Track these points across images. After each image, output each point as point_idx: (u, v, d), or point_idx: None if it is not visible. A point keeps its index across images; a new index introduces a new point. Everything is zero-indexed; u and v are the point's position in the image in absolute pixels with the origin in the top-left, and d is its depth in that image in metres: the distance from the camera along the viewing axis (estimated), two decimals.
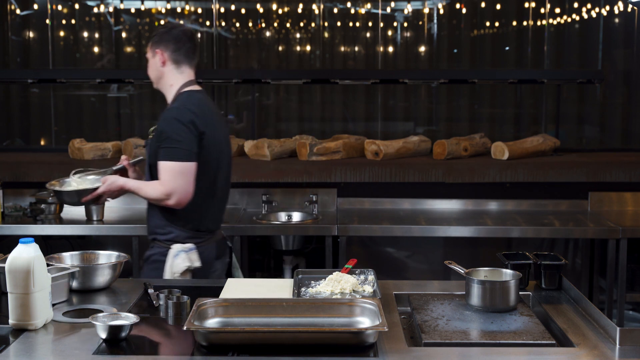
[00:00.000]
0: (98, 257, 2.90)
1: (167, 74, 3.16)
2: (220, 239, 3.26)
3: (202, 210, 3.11)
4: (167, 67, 3.15)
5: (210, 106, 3.19)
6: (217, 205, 3.19)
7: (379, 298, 2.48)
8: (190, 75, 3.19)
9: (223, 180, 3.18)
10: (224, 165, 3.17)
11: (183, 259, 3.04)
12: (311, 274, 2.78)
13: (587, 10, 6.22)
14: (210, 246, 3.16)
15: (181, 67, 3.16)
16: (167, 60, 3.14)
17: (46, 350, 2.16)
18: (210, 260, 3.14)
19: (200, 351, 2.12)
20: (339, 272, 2.69)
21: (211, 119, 3.09)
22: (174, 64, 3.15)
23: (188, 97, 3.10)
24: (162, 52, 3.14)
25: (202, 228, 3.13)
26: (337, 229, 4.32)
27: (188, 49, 3.17)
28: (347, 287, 2.59)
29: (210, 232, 3.18)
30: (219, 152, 3.12)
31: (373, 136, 5.83)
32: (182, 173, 2.98)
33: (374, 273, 2.74)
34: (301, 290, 2.61)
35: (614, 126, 6.29)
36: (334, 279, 2.64)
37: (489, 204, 4.91)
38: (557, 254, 2.86)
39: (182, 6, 6.34)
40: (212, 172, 3.10)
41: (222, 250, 3.26)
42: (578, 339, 2.27)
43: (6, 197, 4.57)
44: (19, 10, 6.34)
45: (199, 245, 3.10)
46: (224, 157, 3.18)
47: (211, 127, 3.06)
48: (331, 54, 6.32)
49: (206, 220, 3.14)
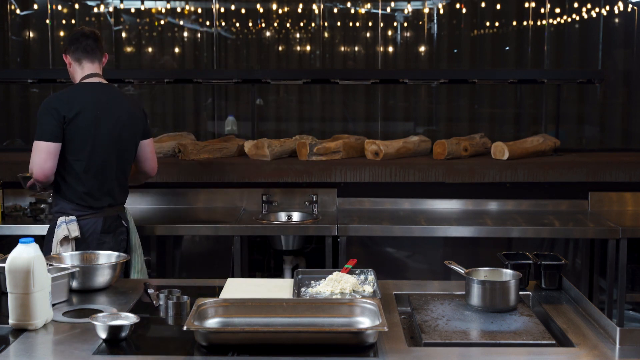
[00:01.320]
0: (98, 257, 2.90)
1: (74, 73, 3.64)
2: (113, 216, 3.61)
3: (79, 186, 3.51)
4: (73, 67, 3.63)
5: (99, 94, 3.55)
6: (96, 183, 3.54)
7: (379, 298, 2.49)
8: (92, 69, 3.61)
9: (100, 161, 3.53)
10: (99, 148, 3.51)
11: (63, 228, 3.45)
12: (311, 274, 2.78)
13: (587, 10, 6.22)
14: (96, 220, 3.54)
15: (82, 63, 3.60)
16: (71, 62, 3.62)
17: (46, 350, 2.17)
18: (94, 233, 3.52)
19: (200, 351, 2.12)
20: (339, 272, 2.69)
21: (85, 105, 3.46)
22: (76, 62, 3.61)
23: (69, 88, 3.56)
24: (66, 55, 3.63)
25: (83, 202, 3.52)
26: (337, 229, 4.32)
27: (86, 45, 3.58)
28: (347, 287, 2.59)
29: (95, 207, 3.54)
30: (89, 135, 3.48)
31: (373, 136, 5.83)
32: (38, 150, 3.41)
33: (374, 273, 2.74)
34: (301, 290, 2.61)
35: (614, 126, 6.29)
36: (334, 279, 2.64)
37: (489, 204, 4.91)
38: (557, 254, 2.87)
39: (182, 6, 6.34)
40: (84, 152, 3.49)
41: (112, 226, 3.61)
42: (578, 339, 2.27)
43: (6, 197, 4.57)
44: (19, 10, 6.34)
45: (81, 218, 3.51)
46: (100, 141, 3.51)
47: (82, 112, 3.45)
48: (331, 54, 6.32)
49: (86, 195, 3.52)
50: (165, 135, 5.37)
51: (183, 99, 6.32)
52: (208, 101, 6.25)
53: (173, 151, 5.16)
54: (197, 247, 5.00)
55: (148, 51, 6.38)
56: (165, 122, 6.35)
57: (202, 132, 6.19)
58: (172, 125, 6.26)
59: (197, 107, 6.31)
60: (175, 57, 6.41)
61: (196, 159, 4.94)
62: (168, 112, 6.38)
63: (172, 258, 5.15)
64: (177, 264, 5.18)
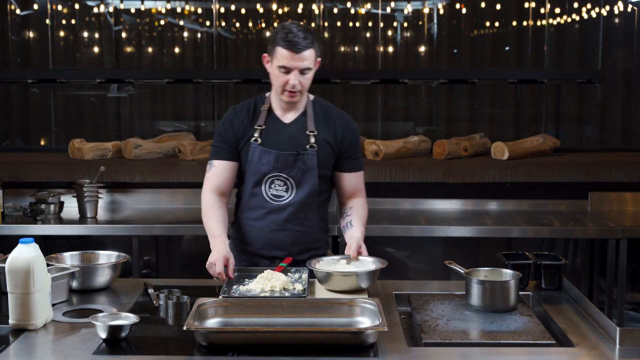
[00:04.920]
0: (98, 257, 2.90)
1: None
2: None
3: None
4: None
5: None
6: None
7: (305, 296, 2.49)
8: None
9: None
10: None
11: None
12: (245, 272, 2.77)
13: (587, 10, 6.22)
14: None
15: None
16: None
17: (46, 350, 2.17)
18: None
19: (200, 351, 2.12)
20: (270, 270, 2.69)
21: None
22: None
23: None
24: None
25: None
26: (337, 229, 4.32)
27: None
28: (277, 285, 2.59)
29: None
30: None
31: (373, 136, 5.83)
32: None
33: (308, 272, 2.72)
34: (232, 288, 2.61)
35: (614, 126, 6.29)
36: (264, 277, 2.63)
37: (489, 204, 4.91)
38: (557, 254, 2.87)
39: (182, 6, 6.34)
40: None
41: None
42: (578, 339, 2.27)
43: (6, 197, 4.57)
44: (19, 10, 6.34)
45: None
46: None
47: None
48: (331, 54, 6.32)
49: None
50: (165, 135, 5.38)
51: (183, 99, 6.33)
52: (208, 101, 6.25)
53: (173, 151, 5.17)
54: (197, 247, 4.99)
55: (148, 51, 6.38)
56: (165, 122, 6.36)
57: (202, 132, 6.19)
58: (172, 125, 6.27)
59: (197, 107, 6.31)
60: (175, 57, 6.41)
61: (196, 159, 4.94)
62: (168, 112, 6.38)
63: (172, 258, 5.15)
64: (177, 264, 5.18)
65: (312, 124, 2.93)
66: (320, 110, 2.98)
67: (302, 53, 2.79)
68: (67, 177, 4.79)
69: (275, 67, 2.83)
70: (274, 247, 2.96)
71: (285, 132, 2.92)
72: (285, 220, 2.92)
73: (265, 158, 2.89)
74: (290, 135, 2.91)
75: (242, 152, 2.94)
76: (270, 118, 2.95)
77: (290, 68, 2.80)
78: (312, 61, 2.84)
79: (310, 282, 2.67)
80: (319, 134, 2.92)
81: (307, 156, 2.89)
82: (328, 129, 2.94)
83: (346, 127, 2.96)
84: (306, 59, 2.81)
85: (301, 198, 2.91)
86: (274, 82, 2.89)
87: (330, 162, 2.95)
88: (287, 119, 2.95)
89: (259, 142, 2.90)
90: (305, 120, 2.94)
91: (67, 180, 4.77)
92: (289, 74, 2.81)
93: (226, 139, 2.95)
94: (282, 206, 2.92)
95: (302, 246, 2.97)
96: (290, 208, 2.92)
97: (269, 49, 2.86)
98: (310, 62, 2.83)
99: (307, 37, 2.81)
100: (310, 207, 2.95)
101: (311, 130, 2.91)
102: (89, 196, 4.44)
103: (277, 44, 2.80)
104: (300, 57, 2.79)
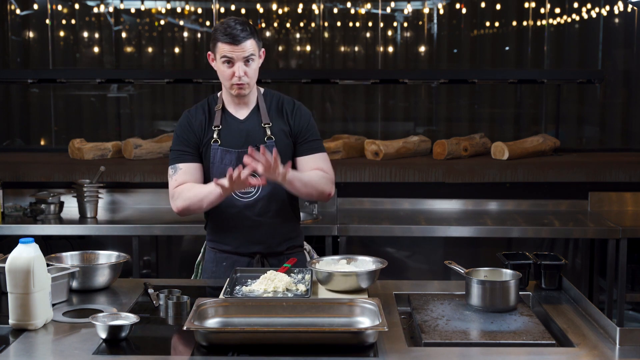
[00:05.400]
0: (98, 257, 2.89)
1: None
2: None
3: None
4: None
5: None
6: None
7: (309, 297, 2.48)
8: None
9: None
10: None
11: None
12: (249, 272, 2.77)
13: (587, 10, 6.22)
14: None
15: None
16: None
17: (46, 350, 2.16)
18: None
19: (200, 351, 2.12)
20: (273, 271, 2.69)
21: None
22: None
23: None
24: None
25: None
26: (337, 229, 4.32)
27: None
28: (280, 286, 2.59)
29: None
30: None
31: (373, 136, 5.83)
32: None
33: (312, 273, 2.73)
34: (235, 289, 2.61)
35: (614, 126, 6.30)
36: (267, 278, 2.63)
37: (489, 204, 4.91)
38: (557, 254, 2.86)
39: (182, 6, 6.34)
40: None
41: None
42: (578, 339, 2.27)
43: (6, 197, 4.57)
44: (19, 10, 6.34)
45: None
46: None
47: None
48: (331, 54, 6.32)
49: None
50: (165, 135, 5.37)
51: (183, 99, 6.32)
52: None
53: None
54: (196, 247, 4.99)
55: (148, 51, 6.39)
56: (165, 122, 6.36)
57: None
58: (172, 125, 6.27)
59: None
60: (175, 57, 6.41)
61: None
62: (168, 112, 6.39)
63: (172, 258, 5.15)
64: (177, 264, 5.18)
65: (266, 115, 2.97)
66: (272, 101, 3.02)
67: (241, 44, 2.83)
68: (67, 177, 4.79)
69: (220, 62, 2.88)
70: (252, 243, 2.97)
71: (242, 129, 2.95)
72: (257, 214, 2.94)
73: (227, 158, 2.92)
74: (247, 132, 2.95)
75: (203, 154, 2.96)
76: (225, 117, 2.98)
77: (233, 59, 2.85)
78: (254, 51, 2.87)
79: (312, 283, 2.67)
80: (274, 125, 2.96)
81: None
82: (282, 118, 2.98)
83: (296, 112, 3.00)
84: (247, 48, 2.84)
85: (269, 191, 2.93)
86: (221, 78, 2.94)
87: (290, 150, 2.98)
88: (242, 115, 2.98)
89: (219, 142, 2.92)
90: (259, 113, 2.98)
91: (67, 180, 4.77)
92: (233, 66, 2.86)
93: (187, 141, 2.96)
94: (252, 202, 2.93)
95: (279, 237, 3.00)
96: (261, 202, 2.94)
97: (211, 47, 2.92)
98: (252, 51, 2.86)
99: (245, 29, 2.85)
100: (282, 198, 2.97)
101: (266, 123, 2.95)
102: (89, 196, 4.44)
103: (217, 39, 2.86)
104: (241, 48, 2.83)
